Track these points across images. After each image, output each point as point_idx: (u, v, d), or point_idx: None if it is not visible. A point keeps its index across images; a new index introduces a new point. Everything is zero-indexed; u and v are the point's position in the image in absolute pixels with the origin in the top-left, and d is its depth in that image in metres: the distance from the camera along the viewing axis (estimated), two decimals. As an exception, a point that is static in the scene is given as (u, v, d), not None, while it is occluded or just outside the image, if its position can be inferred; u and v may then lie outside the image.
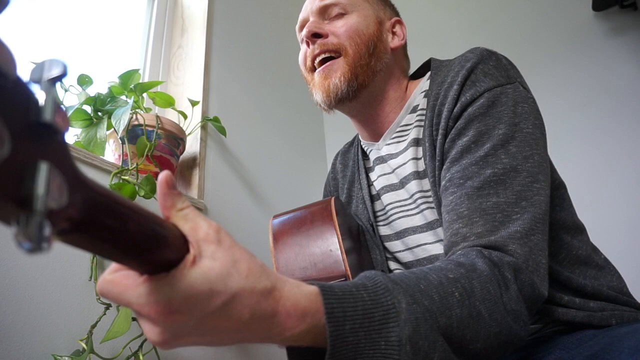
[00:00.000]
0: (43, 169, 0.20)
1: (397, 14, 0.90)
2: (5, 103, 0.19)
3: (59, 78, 0.22)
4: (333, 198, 0.72)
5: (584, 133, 1.53)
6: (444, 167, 0.67)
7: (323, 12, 0.82)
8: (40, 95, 0.21)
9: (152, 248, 0.29)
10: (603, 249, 0.76)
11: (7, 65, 0.19)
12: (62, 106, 0.21)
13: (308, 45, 0.80)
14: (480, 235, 0.56)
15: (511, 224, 0.56)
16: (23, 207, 0.19)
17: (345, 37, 0.78)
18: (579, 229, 0.74)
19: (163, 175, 0.34)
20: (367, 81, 0.78)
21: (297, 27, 0.87)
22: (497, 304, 0.49)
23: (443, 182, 0.65)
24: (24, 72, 0.20)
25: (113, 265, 0.34)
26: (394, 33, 0.85)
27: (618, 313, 0.65)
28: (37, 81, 0.21)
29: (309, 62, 0.81)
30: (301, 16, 0.86)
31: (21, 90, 0.20)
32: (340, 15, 0.81)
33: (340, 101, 0.78)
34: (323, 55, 0.79)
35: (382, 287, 0.43)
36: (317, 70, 0.80)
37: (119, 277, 0.33)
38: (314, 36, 0.79)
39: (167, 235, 0.31)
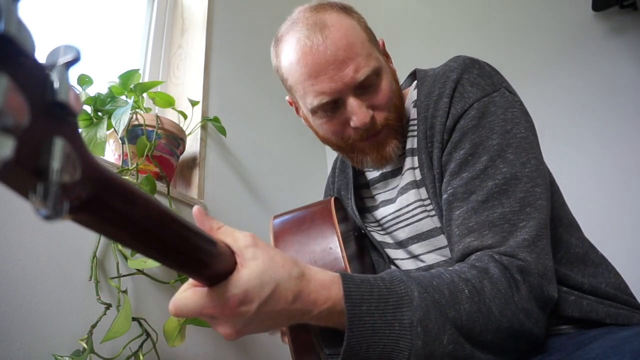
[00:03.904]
0: (58, 144, 0.21)
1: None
2: (25, 79, 0.20)
3: (73, 62, 0.23)
4: (333, 198, 0.72)
5: (584, 133, 1.53)
6: (445, 179, 0.68)
7: (362, 87, 0.70)
8: (55, 78, 0.22)
9: (160, 234, 0.31)
10: (604, 248, 0.76)
11: (28, 45, 0.20)
12: (75, 90, 0.22)
13: (353, 130, 0.72)
14: (491, 246, 0.60)
15: (518, 232, 0.59)
16: (40, 177, 0.20)
17: (391, 111, 0.73)
18: (574, 226, 0.75)
19: (195, 209, 0.44)
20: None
21: (320, 89, 0.69)
22: (508, 302, 0.54)
23: (445, 195, 0.66)
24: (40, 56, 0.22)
25: (181, 288, 0.43)
26: (386, 56, 0.79)
27: (613, 312, 0.65)
28: (53, 65, 0.22)
29: (351, 141, 0.74)
30: (328, 85, 0.69)
31: (39, 70, 0.21)
32: (376, 86, 0.72)
33: None
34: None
35: (398, 279, 0.50)
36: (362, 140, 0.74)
37: (189, 292, 0.41)
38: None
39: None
